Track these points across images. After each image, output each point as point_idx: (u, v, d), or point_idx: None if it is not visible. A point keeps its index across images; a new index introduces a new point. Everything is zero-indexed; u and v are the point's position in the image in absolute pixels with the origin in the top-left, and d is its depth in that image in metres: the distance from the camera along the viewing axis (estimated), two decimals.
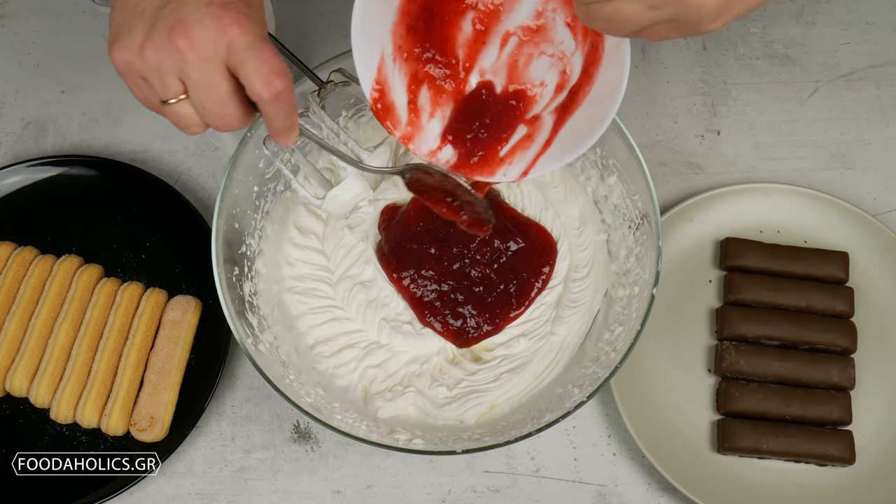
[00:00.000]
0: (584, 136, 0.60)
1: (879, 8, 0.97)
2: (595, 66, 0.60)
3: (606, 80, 0.59)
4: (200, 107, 0.52)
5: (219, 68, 0.50)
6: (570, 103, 0.61)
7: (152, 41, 0.50)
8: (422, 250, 0.75)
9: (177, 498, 0.77)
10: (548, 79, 0.62)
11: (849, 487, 0.77)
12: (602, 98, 0.59)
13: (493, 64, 0.63)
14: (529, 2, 0.61)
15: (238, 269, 0.72)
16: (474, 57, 0.63)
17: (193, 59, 0.49)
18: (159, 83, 0.51)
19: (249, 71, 0.50)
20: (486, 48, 0.63)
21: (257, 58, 0.50)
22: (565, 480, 0.78)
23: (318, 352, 0.75)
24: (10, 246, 0.82)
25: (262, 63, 0.50)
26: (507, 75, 0.63)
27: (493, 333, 0.76)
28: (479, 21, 0.62)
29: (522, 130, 0.63)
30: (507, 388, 0.74)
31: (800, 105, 0.93)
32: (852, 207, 0.84)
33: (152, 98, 0.53)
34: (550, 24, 0.61)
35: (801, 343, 0.80)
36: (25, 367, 0.76)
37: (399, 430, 0.71)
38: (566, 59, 0.61)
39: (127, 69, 0.52)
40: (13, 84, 0.93)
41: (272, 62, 0.51)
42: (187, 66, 0.50)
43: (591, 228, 0.79)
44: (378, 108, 0.62)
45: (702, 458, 0.77)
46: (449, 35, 0.62)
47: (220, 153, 0.89)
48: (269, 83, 0.51)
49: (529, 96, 0.63)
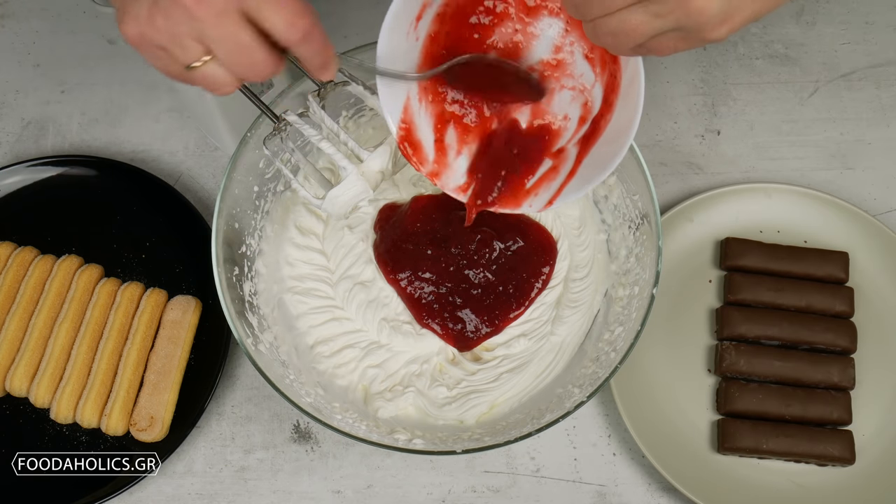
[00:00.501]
0: (606, 162, 0.60)
1: (879, 8, 0.97)
2: (614, 94, 0.60)
3: (625, 105, 0.59)
4: (228, 62, 0.49)
5: (234, 19, 0.48)
6: (593, 133, 0.62)
7: (159, 7, 0.48)
8: (418, 251, 0.75)
9: (177, 498, 0.77)
10: (571, 111, 0.63)
11: (849, 487, 0.77)
12: (622, 125, 0.60)
13: None
14: (548, 37, 0.61)
15: (238, 269, 0.72)
16: None
17: (205, 15, 0.47)
18: (178, 48, 0.49)
19: (271, 17, 0.48)
20: None
21: (275, 2, 0.48)
22: (565, 480, 0.78)
23: (318, 352, 0.75)
24: (10, 246, 0.82)
25: (280, 6, 0.48)
26: (531, 111, 0.64)
27: (493, 334, 0.76)
28: None
29: (548, 163, 0.64)
30: (507, 388, 0.74)
31: (800, 105, 0.93)
32: (852, 207, 0.84)
33: (174, 66, 0.50)
34: (569, 57, 0.61)
35: (801, 343, 0.80)
36: (25, 367, 0.76)
37: (399, 430, 0.71)
38: (587, 92, 0.62)
39: (141, 41, 0.49)
40: (13, 84, 0.93)
41: (291, 3, 0.48)
42: (201, 24, 0.48)
43: (591, 228, 0.79)
44: (405, 147, 0.62)
45: (702, 458, 0.77)
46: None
47: (220, 153, 0.89)
48: (294, 25, 0.48)
49: (554, 130, 0.64)
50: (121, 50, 0.94)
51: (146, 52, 0.50)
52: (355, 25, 0.93)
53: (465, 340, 0.75)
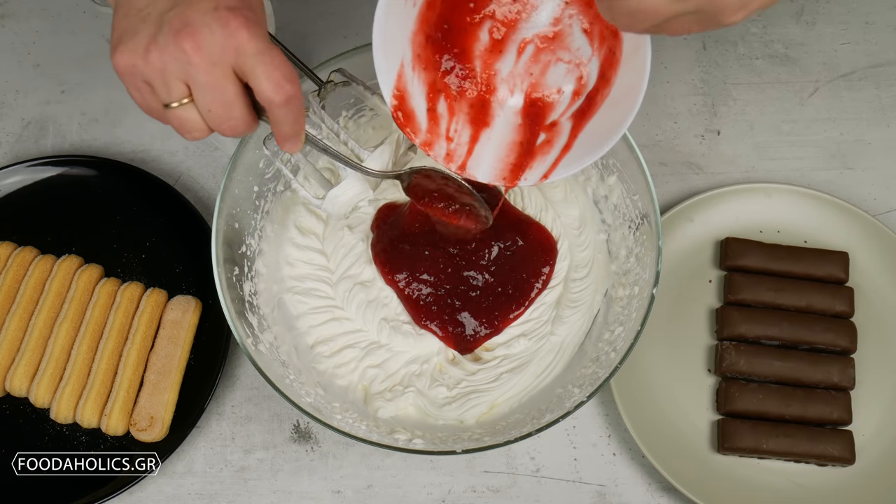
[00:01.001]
0: (603, 138, 0.60)
1: (879, 8, 0.97)
2: (613, 70, 0.60)
3: (624, 82, 0.59)
4: (206, 110, 0.52)
5: (226, 72, 0.50)
6: (588, 108, 0.62)
7: (157, 44, 0.49)
8: (416, 252, 0.75)
9: (177, 498, 0.77)
10: (564, 85, 0.63)
11: (849, 487, 0.77)
12: (620, 100, 0.59)
13: (511, 72, 0.63)
14: (548, 9, 0.61)
15: (238, 269, 0.72)
16: (491, 65, 0.63)
17: (199, 62, 0.49)
18: (163, 86, 0.51)
19: (260, 75, 0.50)
20: (503, 56, 0.63)
21: (269, 63, 0.50)
22: (565, 480, 0.78)
23: (318, 352, 0.75)
24: (10, 246, 0.82)
25: (273, 68, 0.50)
26: (524, 83, 0.63)
27: (493, 335, 0.76)
28: (497, 30, 0.62)
29: (542, 137, 0.63)
30: (507, 388, 0.74)
31: (800, 105, 0.93)
32: (852, 207, 0.84)
33: (153, 102, 0.52)
34: (567, 30, 0.61)
35: (801, 343, 0.80)
36: (25, 367, 0.76)
37: (399, 430, 0.71)
38: (583, 66, 0.61)
39: (129, 72, 0.51)
40: (13, 84, 0.93)
41: (283, 67, 0.51)
42: (193, 69, 0.49)
43: (591, 228, 0.79)
44: (398, 116, 0.62)
45: (702, 458, 0.77)
46: (467, 45, 0.62)
47: (219, 153, 0.89)
48: (281, 87, 0.50)
49: (547, 102, 0.63)
50: None
51: (131, 83, 0.52)
52: (355, 25, 0.93)
53: (465, 343, 0.75)
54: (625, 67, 0.59)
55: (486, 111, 0.64)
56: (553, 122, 0.63)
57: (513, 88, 0.63)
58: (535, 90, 0.63)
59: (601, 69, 0.60)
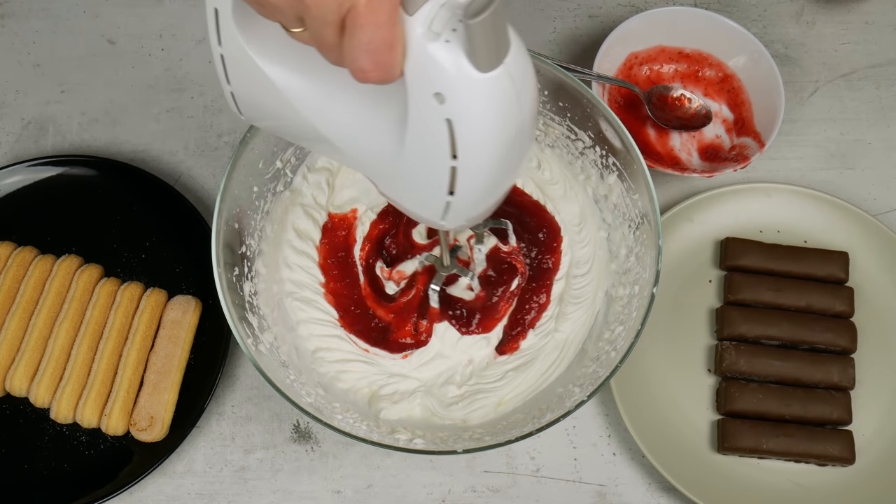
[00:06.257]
0: None
1: (879, 8, 0.97)
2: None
3: None
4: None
5: None
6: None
7: None
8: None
9: (177, 498, 0.77)
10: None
11: (849, 487, 0.77)
12: None
13: None
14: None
15: (238, 270, 0.72)
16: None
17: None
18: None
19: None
20: None
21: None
22: (565, 480, 0.78)
23: (319, 356, 0.75)
24: (10, 246, 0.82)
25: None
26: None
27: (531, 325, 0.77)
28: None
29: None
30: (513, 386, 0.74)
31: (800, 105, 0.93)
32: (852, 207, 0.84)
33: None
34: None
35: (801, 343, 0.80)
36: (25, 367, 0.76)
37: (399, 429, 0.71)
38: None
39: None
40: (13, 84, 0.93)
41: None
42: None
43: (591, 225, 0.79)
44: None
45: (702, 458, 0.77)
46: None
47: (220, 153, 0.89)
48: None
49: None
50: (121, 50, 0.94)
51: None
52: None
53: (500, 345, 0.76)
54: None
55: None
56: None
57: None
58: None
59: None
